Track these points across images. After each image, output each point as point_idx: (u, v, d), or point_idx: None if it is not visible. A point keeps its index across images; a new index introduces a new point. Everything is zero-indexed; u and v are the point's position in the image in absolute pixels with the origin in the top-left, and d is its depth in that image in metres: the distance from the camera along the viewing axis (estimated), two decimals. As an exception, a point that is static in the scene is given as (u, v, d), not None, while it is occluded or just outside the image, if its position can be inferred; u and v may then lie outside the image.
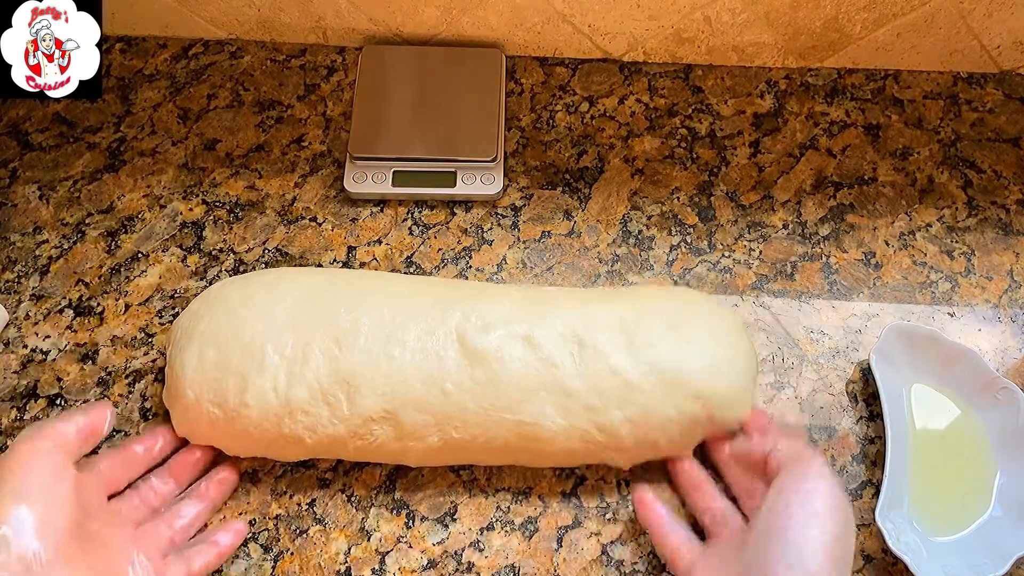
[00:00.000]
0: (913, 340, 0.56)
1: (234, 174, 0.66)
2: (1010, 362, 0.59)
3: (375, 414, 0.50)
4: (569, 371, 0.50)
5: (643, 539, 0.53)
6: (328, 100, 0.70)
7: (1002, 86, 0.71)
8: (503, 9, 0.68)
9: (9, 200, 0.64)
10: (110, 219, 0.64)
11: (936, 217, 0.65)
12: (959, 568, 0.49)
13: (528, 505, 0.54)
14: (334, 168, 0.67)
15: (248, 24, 0.71)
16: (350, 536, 0.52)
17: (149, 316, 0.60)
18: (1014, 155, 0.68)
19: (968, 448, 0.55)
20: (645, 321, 0.52)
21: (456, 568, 0.52)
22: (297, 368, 0.50)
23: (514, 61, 0.72)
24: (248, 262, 0.62)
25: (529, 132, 0.69)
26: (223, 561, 0.50)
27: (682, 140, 0.68)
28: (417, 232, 0.64)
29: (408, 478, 0.54)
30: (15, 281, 0.61)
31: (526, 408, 0.50)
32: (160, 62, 0.72)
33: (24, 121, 0.68)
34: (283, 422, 0.50)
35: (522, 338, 0.51)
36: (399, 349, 0.50)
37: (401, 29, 0.71)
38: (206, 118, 0.69)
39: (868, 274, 0.63)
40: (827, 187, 0.66)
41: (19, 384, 0.57)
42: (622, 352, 0.51)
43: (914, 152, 0.68)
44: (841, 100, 0.71)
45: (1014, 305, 0.61)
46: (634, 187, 0.66)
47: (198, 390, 0.50)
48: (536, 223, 0.65)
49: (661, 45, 0.71)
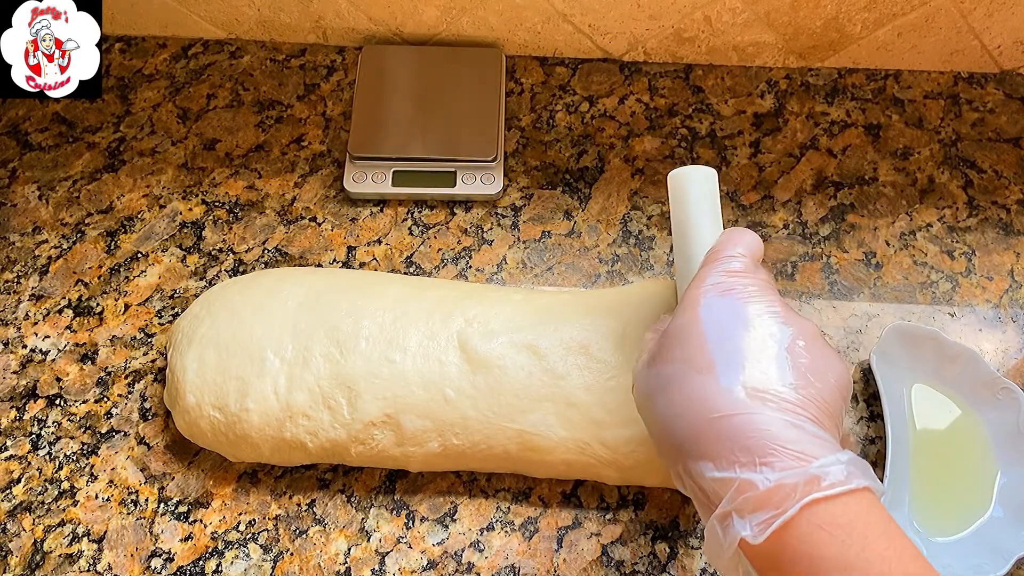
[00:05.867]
0: (914, 340, 0.56)
1: (234, 174, 0.66)
2: (1010, 362, 0.59)
3: (376, 419, 0.49)
4: (576, 383, 0.50)
5: (643, 539, 0.53)
6: (328, 100, 0.70)
7: (1003, 86, 0.71)
8: (503, 9, 0.68)
9: (9, 200, 0.64)
10: (110, 219, 0.64)
11: (937, 217, 0.65)
12: (960, 568, 0.49)
13: (528, 506, 0.54)
14: (334, 168, 0.67)
15: (248, 24, 0.71)
16: (350, 537, 0.52)
17: (149, 316, 0.60)
18: (1015, 155, 0.68)
19: (968, 448, 0.55)
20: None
21: (456, 568, 0.52)
22: (298, 372, 0.50)
23: (514, 61, 0.72)
24: (248, 262, 0.62)
25: (529, 132, 0.69)
26: None
27: (682, 140, 0.68)
28: (417, 232, 0.64)
29: (408, 479, 0.54)
30: (15, 281, 0.61)
31: (528, 417, 0.49)
32: (160, 62, 0.72)
33: (24, 121, 0.68)
34: (284, 426, 0.50)
35: (526, 347, 0.51)
36: (400, 354, 0.50)
37: (401, 29, 0.71)
38: (206, 118, 0.69)
39: (868, 274, 0.63)
40: (827, 187, 0.66)
41: (19, 384, 0.57)
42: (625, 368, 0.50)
43: (915, 152, 0.68)
44: (841, 100, 0.71)
45: (1015, 305, 0.61)
46: (634, 187, 0.66)
47: (199, 394, 0.50)
48: (536, 223, 0.65)
49: (661, 45, 0.71)
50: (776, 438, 0.33)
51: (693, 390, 0.36)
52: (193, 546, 0.52)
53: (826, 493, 0.31)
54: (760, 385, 0.35)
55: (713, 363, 0.36)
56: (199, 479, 0.54)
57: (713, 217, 0.45)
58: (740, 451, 0.33)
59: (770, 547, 0.32)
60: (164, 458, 0.55)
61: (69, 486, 0.54)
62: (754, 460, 0.33)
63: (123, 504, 0.53)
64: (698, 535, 0.53)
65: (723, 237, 0.42)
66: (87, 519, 0.53)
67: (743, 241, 0.41)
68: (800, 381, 0.35)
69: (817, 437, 0.33)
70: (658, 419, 0.38)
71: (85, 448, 0.55)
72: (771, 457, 0.32)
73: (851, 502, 0.32)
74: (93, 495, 0.54)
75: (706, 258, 0.41)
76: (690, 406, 0.36)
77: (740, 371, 0.35)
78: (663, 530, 0.53)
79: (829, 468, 0.32)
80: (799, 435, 0.33)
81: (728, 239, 0.41)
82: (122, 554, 0.52)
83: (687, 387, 0.36)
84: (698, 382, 0.36)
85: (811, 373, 0.36)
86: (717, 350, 0.36)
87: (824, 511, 0.31)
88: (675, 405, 0.36)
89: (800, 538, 0.31)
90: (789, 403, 0.34)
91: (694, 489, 0.36)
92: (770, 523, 0.31)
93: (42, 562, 0.51)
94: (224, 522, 0.53)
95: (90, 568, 0.51)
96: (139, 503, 0.53)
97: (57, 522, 0.53)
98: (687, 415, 0.36)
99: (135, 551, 0.52)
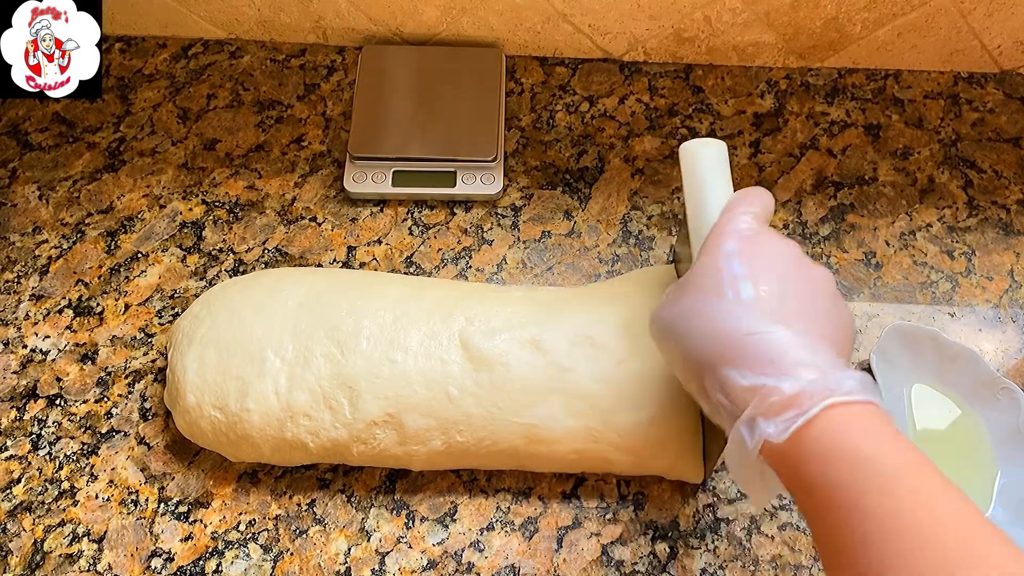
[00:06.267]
0: (913, 340, 0.56)
1: (234, 174, 0.66)
2: (1010, 362, 0.59)
3: (378, 418, 0.49)
4: (583, 373, 0.50)
5: (643, 539, 0.53)
6: (328, 100, 0.70)
7: (1003, 86, 0.71)
8: (503, 9, 0.68)
9: (9, 200, 0.64)
10: (110, 219, 0.64)
11: (936, 217, 0.65)
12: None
13: (528, 505, 0.54)
14: (334, 168, 0.67)
15: (248, 24, 0.71)
16: (350, 536, 0.52)
17: (149, 316, 0.60)
18: (1014, 155, 0.68)
19: (968, 448, 0.55)
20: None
21: (456, 568, 0.52)
22: (298, 371, 0.50)
23: (514, 61, 0.72)
24: (248, 262, 0.62)
25: (529, 132, 0.69)
26: None
27: (682, 140, 0.68)
28: (417, 232, 0.64)
29: (408, 479, 0.54)
30: (15, 281, 0.61)
31: (534, 411, 0.49)
32: (160, 62, 0.72)
33: (24, 121, 0.68)
34: (285, 426, 0.50)
35: (529, 342, 0.51)
36: (401, 354, 0.50)
37: (401, 29, 0.71)
38: (206, 118, 0.69)
39: (868, 274, 0.63)
40: (827, 187, 0.66)
41: (19, 384, 0.57)
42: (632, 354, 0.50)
43: (914, 152, 0.68)
44: (841, 100, 0.71)
45: (1014, 305, 0.61)
46: (634, 187, 0.66)
47: (199, 394, 0.50)
48: (536, 223, 0.65)
49: (661, 45, 0.71)
50: (795, 353, 0.37)
51: (715, 314, 0.39)
52: (193, 546, 0.52)
53: (843, 399, 0.35)
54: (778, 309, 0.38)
55: (731, 290, 0.39)
56: (199, 479, 0.54)
57: (727, 182, 0.47)
58: (763, 363, 0.37)
59: (791, 446, 0.35)
60: (164, 458, 0.55)
61: (69, 486, 0.54)
62: (777, 371, 0.36)
63: (123, 504, 0.53)
64: (698, 535, 0.53)
65: (738, 194, 0.44)
66: (87, 519, 0.53)
67: (759, 197, 0.43)
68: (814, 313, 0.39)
69: (828, 355, 0.37)
70: (682, 345, 0.40)
71: (85, 448, 0.55)
72: (791, 369, 0.36)
73: (863, 411, 0.35)
74: (93, 495, 0.54)
75: (723, 211, 0.43)
76: (714, 328, 0.39)
77: (757, 296, 0.38)
78: (663, 530, 0.53)
79: (845, 380, 0.35)
80: (813, 353, 0.37)
81: (744, 195, 0.44)
82: (122, 554, 0.52)
83: (710, 313, 0.39)
84: (719, 307, 0.39)
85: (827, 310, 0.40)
86: (733, 280, 0.39)
87: (840, 414, 0.35)
88: (699, 329, 0.39)
89: (818, 437, 0.35)
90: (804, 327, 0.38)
91: (720, 400, 0.38)
92: (793, 420, 0.35)
93: (42, 562, 0.51)
94: (224, 522, 0.53)
95: (90, 568, 0.51)
96: (139, 503, 0.53)
97: (57, 522, 0.53)
98: (712, 336, 0.39)
99: (135, 551, 0.52)
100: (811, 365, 0.36)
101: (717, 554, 0.52)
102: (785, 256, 0.41)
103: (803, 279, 0.40)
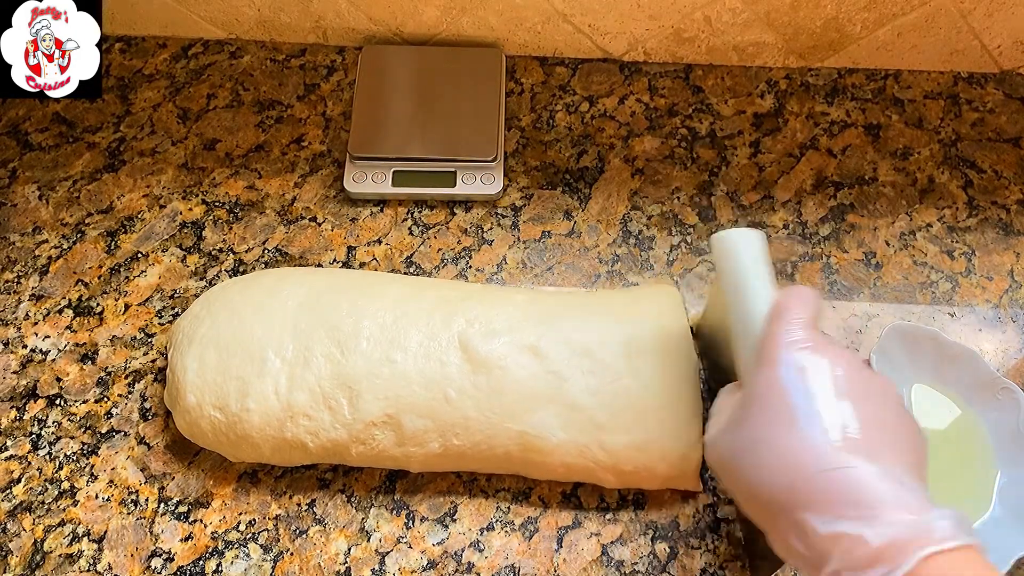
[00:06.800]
0: (913, 340, 0.56)
1: (234, 174, 0.66)
2: (1010, 362, 0.59)
3: (377, 418, 0.49)
4: (579, 385, 0.50)
5: (643, 539, 0.53)
6: (328, 100, 0.70)
7: (1002, 86, 0.71)
8: (503, 9, 0.68)
9: (9, 200, 0.64)
10: (110, 219, 0.64)
11: (936, 217, 0.65)
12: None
13: (528, 505, 0.54)
14: (334, 168, 0.67)
15: (248, 24, 0.71)
16: (350, 536, 0.52)
17: (149, 316, 0.60)
18: (1014, 155, 0.68)
19: (968, 448, 0.55)
20: (649, 344, 0.51)
21: (456, 568, 0.52)
22: (298, 372, 0.50)
23: (514, 61, 0.72)
24: (248, 262, 0.62)
25: (529, 132, 0.69)
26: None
27: (682, 140, 0.68)
28: (417, 232, 0.64)
29: (408, 479, 0.54)
30: (15, 281, 0.61)
31: (528, 418, 0.49)
32: (160, 62, 0.72)
33: (24, 121, 0.68)
34: (285, 426, 0.50)
35: (528, 347, 0.51)
36: (401, 354, 0.50)
37: (401, 29, 0.71)
38: (206, 118, 0.69)
39: (868, 274, 0.63)
40: (827, 187, 0.66)
41: (19, 384, 0.57)
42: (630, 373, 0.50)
43: (914, 152, 0.68)
44: (841, 100, 0.71)
45: (1014, 305, 0.61)
46: (634, 187, 0.66)
47: (199, 394, 0.50)
48: (536, 223, 0.65)
49: (661, 45, 0.71)
50: (878, 491, 0.33)
51: (786, 447, 0.36)
52: (193, 546, 0.52)
53: (940, 548, 0.31)
54: (856, 439, 0.35)
55: (803, 419, 0.36)
56: (199, 479, 0.54)
57: (770, 279, 0.44)
58: (844, 505, 0.33)
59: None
60: (164, 458, 0.55)
61: (69, 486, 0.54)
62: (861, 514, 0.33)
63: (123, 504, 0.53)
64: (698, 535, 0.53)
65: (785, 295, 0.41)
66: (87, 519, 0.53)
67: (809, 300, 0.41)
68: (892, 437, 0.36)
69: (914, 490, 0.34)
70: (749, 480, 0.37)
71: (85, 448, 0.55)
72: (877, 510, 0.32)
73: (960, 557, 0.32)
74: (93, 495, 0.54)
75: (772, 315, 0.41)
76: (785, 462, 0.35)
77: (831, 426, 0.35)
78: (663, 530, 0.53)
79: (937, 523, 0.32)
80: (898, 488, 0.33)
81: (793, 300, 0.41)
82: (122, 554, 0.52)
83: (779, 444, 0.36)
84: (790, 439, 0.36)
85: (899, 428, 0.37)
86: (805, 406, 0.36)
87: (937, 565, 0.31)
88: (768, 464, 0.36)
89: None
90: (885, 457, 0.35)
91: (799, 550, 0.35)
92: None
93: (42, 562, 0.51)
94: (224, 522, 0.53)
95: (90, 568, 0.51)
96: (139, 503, 0.53)
97: (57, 522, 0.53)
98: (784, 472, 0.35)
99: (135, 551, 0.52)
100: (898, 505, 0.32)
101: (717, 554, 0.52)
102: (852, 371, 0.37)
103: (873, 396, 0.37)
